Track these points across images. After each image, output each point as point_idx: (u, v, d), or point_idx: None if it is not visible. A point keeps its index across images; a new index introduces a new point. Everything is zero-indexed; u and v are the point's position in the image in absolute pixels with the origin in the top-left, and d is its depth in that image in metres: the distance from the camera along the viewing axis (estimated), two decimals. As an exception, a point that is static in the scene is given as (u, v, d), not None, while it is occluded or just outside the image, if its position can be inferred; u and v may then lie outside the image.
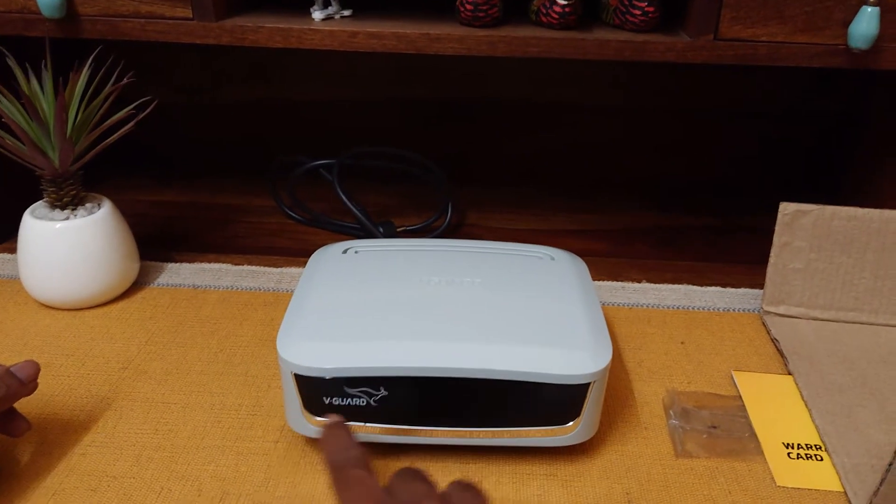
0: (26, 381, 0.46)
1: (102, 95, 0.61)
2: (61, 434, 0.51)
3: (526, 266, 0.57)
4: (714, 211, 0.86)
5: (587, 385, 0.46)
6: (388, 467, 0.49)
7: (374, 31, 0.62)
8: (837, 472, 0.49)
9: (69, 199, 0.62)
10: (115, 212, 0.64)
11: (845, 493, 0.48)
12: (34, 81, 0.59)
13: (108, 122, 0.62)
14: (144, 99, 0.63)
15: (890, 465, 0.43)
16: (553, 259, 0.58)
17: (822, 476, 0.49)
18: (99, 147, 0.62)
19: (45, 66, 0.59)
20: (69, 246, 0.61)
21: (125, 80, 0.61)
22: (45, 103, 0.59)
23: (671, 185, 0.91)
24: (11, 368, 0.46)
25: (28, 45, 0.62)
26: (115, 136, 0.62)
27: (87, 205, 0.64)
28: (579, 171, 0.92)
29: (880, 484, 0.44)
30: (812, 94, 0.87)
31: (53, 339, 0.60)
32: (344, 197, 0.74)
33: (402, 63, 0.86)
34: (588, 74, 0.87)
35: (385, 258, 0.57)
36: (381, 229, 0.75)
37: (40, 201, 0.64)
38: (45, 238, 0.61)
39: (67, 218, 0.62)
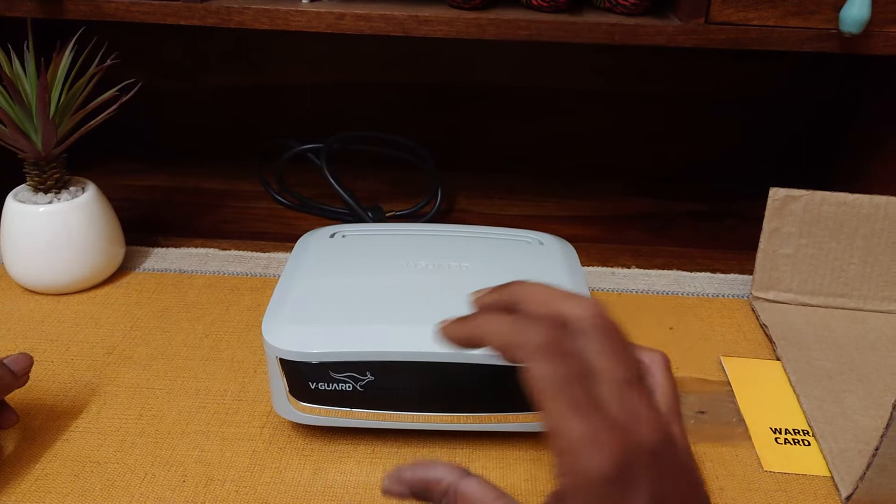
0: (19, 374, 0.46)
1: (86, 77, 0.60)
2: (45, 420, 0.50)
3: (515, 251, 0.56)
4: (703, 197, 0.85)
5: (575, 370, 0.46)
6: (375, 453, 0.49)
7: (362, 12, 0.61)
8: (824, 457, 0.49)
9: (53, 182, 0.61)
10: (100, 195, 0.64)
11: (832, 477, 0.48)
12: (16, 63, 0.58)
13: (92, 104, 0.61)
14: (128, 81, 0.62)
15: (876, 449, 0.43)
16: (542, 244, 0.57)
17: (809, 461, 0.49)
18: (82, 129, 0.61)
19: (27, 46, 0.58)
20: (53, 230, 0.61)
21: (109, 62, 0.60)
22: (28, 85, 0.58)
23: (661, 172, 0.90)
24: (5, 360, 0.46)
25: (9, 25, 0.61)
26: (99, 118, 0.61)
27: (71, 188, 0.63)
28: (569, 157, 0.91)
29: (867, 468, 0.44)
30: (802, 81, 0.86)
31: (37, 324, 0.60)
32: (332, 180, 0.73)
33: (393, 47, 0.85)
34: (578, 60, 0.86)
35: (373, 242, 0.57)
36: (370, 214, 0.74)
37: (23, 185, 0.63)
38: (29, 222, 0.61)
39: (51, 202, 0.61)
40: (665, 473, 0.30)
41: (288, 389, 0.47)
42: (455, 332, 0.36)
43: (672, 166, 0.91)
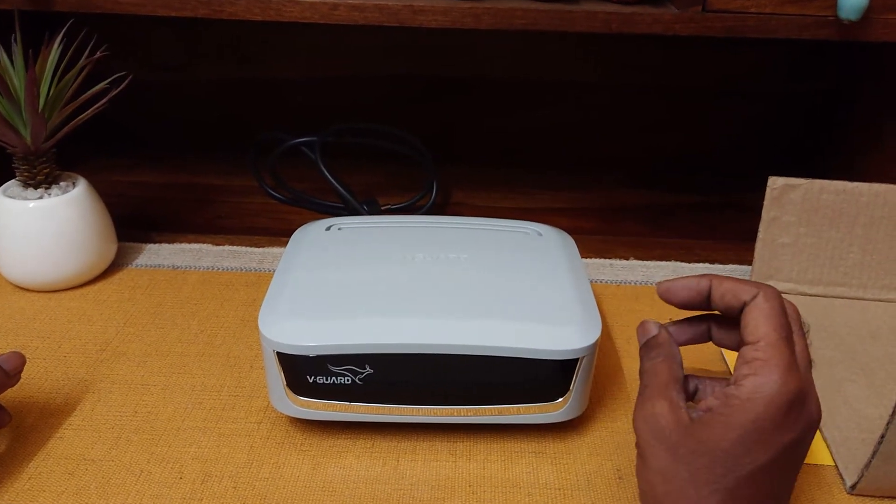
0: (12, 373, 0.45)
1: (75, 70, 0.59)
2: (38, 418, 0.49)
3: (513, 242, 0.56)
4: (701, 188, 0.85)
5: (576, 361, 0.46)
6: (375, 447, 0.48)
7: (356, 2, 0.60)
8: (828, 446, 0.49)
9: (43, 177, 0.60)
10: (91, 191, 0.63)
11: (836, 466, 0.48)
12: (4, 56, 0.57)
13: (82, 97, 0.60)
14: (119, 75, 0.61)
15: (882, 437, 0.43)
16: (540, 235, 0.57)
17: (812, 450, 0.49)
18: (72, 123, 0.60)
19: (15, 39, 0.57)
20: (43, 225, 0.60)
21: (98, 55, 0.59)
22: (16, 78, 0.57)
23: (658, 163, 0.90)
24: None
25: (-3, 18, 0.60)
26: (89, 112, 0.60)
27: (62, 183, 0.62)
28: (566, 149, 0.91)
29: (872, 457, 0.44)
30: (800, 73, 0.86)
31: (28, 321, 0.59)
32: (327, 173, 0.72)
33: (387, 38, 0.85)
34: (574, 50, 0.85)
35: (370, 235, 0.56)
36: (366, 207, 0.74)
37: (13, 180, 0.62)
38: (19, 217, 0.60)
39: (41, 197, 0.60)
40: (810, 417, 0.37)
41: (285, 384, 0.46)
42: (682, 282, 0.43)
43: (669, 157, 0.90)
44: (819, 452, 0.49)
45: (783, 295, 0.62)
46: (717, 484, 0.35)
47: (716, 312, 0.43)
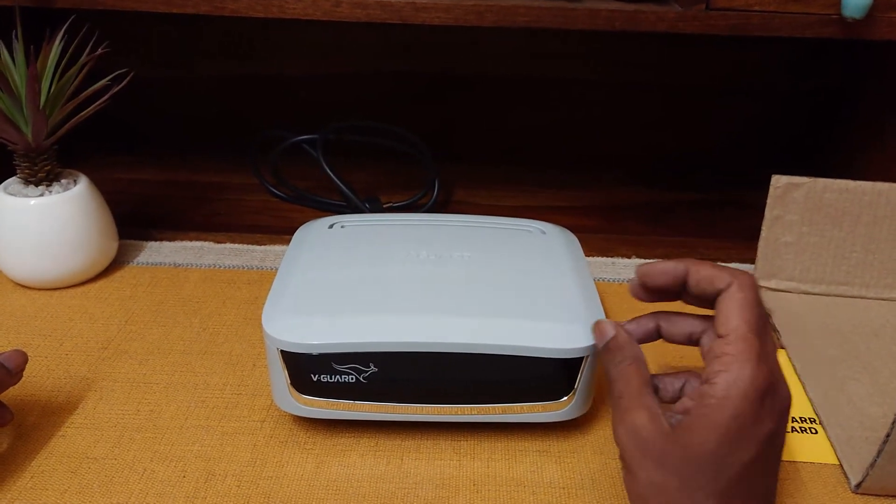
0: (14, 372, 0.45)
1: (76, 66, 0.59)
2: (40, 416, 0.49)
3: (516, 240, 0.55)
4: (703, 186, 0.85)
5: (581, 359, 0.46)
6: (379, 446, 0.48)
7: (359, -1, 0.60)
8: (832, 445, 0.49)
9: (44, 174, 0.60)
10: (92, 188, 0.62)
11: (840, 465, 0.48)
12: (5, 52, 0.57)
13: (83, 94, 0.59)
14: (120, 71, 0.61)
15: (887, 436, 0.43)
16: (544, 233, 0.57)
17: (817, 449, 0.49)
18: (74, 120, 0.60)
19: (16, 35, 0.57)
20: (44, 223, 0.59)
21: (99, 51, 0.59)
22: (17, 75, 0.57)
23: (659, 162, 0.90)
24: None
25: (-3, 14, 0.60)
26: (91, 108, 0.60)
27: (63, 181, 0.62)
28: (567, 147, 0.90)
29: (877, 456, 0.44)
30: (802, 71, 0.86)
31: (29, 319, 0.58)
32: (329, 170, 0.72)
33: (389, 36, 0.84)
34: (576, 48, 0.85)
35: (373, 233, 0.56)
36: (367, 206, 0.73)
37: (14, 177, 0.61)
38: (20, 215, 0.59)
39: (42, 194, 0.60)
40: (783, 403, 0.37)
41: (289, 382, 0.46)
42: (660, 266, 0.41)
43: (671, 155, 0.90)
44: (823, 451, 0.49)
45: (786, 294, 0.63)
46: (709, 488, 0.35)
47: (665, 311, 0.43)
